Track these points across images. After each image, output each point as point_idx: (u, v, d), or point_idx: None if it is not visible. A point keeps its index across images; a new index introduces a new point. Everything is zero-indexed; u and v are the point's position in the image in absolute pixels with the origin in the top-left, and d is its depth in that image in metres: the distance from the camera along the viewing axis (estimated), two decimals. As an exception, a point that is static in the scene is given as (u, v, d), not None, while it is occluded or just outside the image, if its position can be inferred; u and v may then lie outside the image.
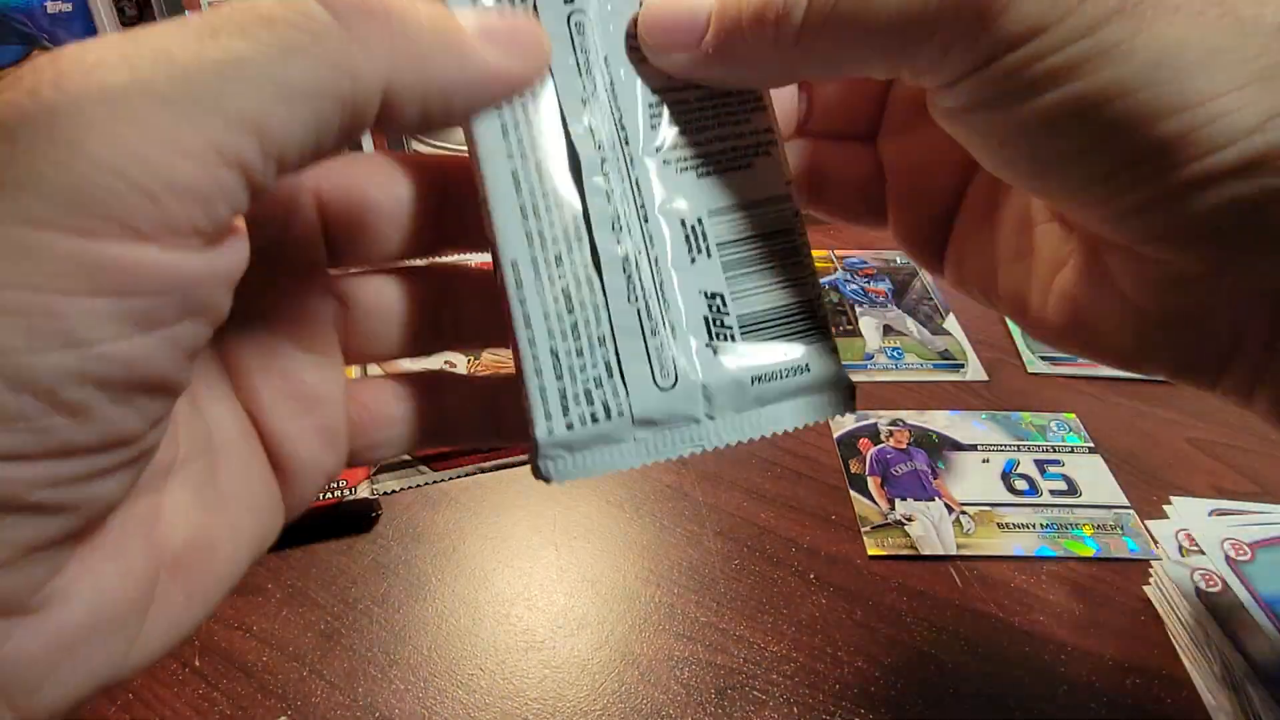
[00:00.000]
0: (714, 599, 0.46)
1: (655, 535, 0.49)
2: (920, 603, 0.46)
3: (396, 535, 0.49)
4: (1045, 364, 0.63)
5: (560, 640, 0.44)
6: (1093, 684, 0.43)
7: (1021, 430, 0.57)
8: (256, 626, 0.44)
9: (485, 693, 0.41)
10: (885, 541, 0.49)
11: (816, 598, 0.46)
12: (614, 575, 0.47)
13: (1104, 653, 0.44)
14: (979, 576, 0.48)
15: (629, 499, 0.51)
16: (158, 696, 0.41)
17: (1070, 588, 0.48)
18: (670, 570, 0.47)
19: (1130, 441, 0.57)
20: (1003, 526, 0.50)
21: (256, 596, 0.45)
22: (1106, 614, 0.46)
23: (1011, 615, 0.46)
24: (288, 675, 0.42)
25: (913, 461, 0.54)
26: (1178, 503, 0.52)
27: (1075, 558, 0.49)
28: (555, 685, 0.42)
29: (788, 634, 0.44)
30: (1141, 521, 0.51)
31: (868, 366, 0.62)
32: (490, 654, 0.43)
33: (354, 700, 0.41)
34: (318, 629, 0.44)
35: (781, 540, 0.49)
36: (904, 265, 0.73)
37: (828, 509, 0.51)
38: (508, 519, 0.50)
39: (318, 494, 0.23)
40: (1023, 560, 0.49)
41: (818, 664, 0.43)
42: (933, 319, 0.67)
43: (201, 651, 0.42)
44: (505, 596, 0.46)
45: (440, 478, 0.52)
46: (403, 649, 0.43)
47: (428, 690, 0.41)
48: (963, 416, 0.58)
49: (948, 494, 0.52)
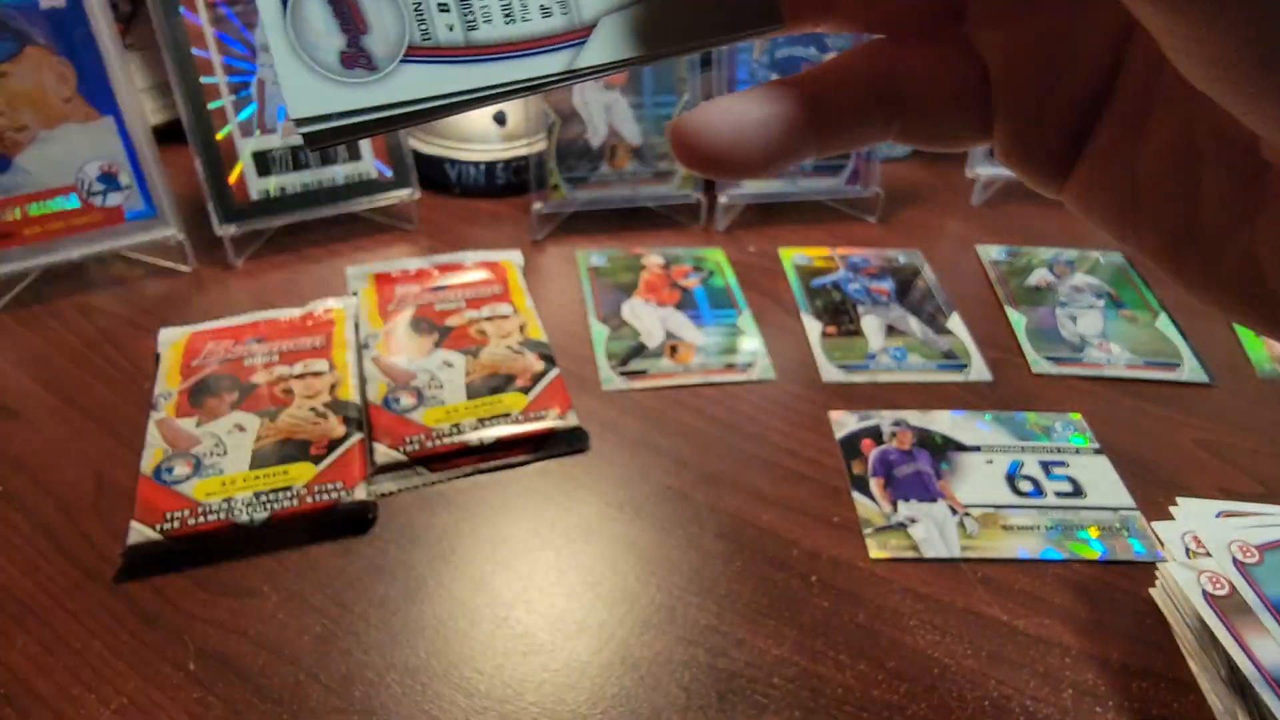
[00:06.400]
0: (715, 602, 0.46)
1: (655, 537, 0.49)
2: (924, 606, 0.46)
3: (394, 537, 0.48)
4: (1050, 364, 0.63)
5: (559, 643, 0.43)
6: (1098, 688, 0.42)
7: (1026, 431, 0.57)
8: (252, 630, 0.43)
9: (483, 696, 0.41)
10: (888, 544, 0.49)
11: (818, 600, 0.46)
12: (614, 578, 0.47)
13: (1110, 656, 0.44)
14: (983, 579, 0.47)
15: (629, 501, 0.51)
16: (153, 700, 0.40)
17: (1075, 590, 0.47)
18: (670, 573, 0.47)
19: (1136, 442, 0.56)
20: (1007, 528, 0.50)
21: (252, 599, 0.45)
22: (1112, 617, 0.46)
23: (1016, 618, 0.45)
24: (284, 679, 0.41)
25: (916, 463, 0.54)
26: (1184, 504, 0.51)
27: (1080, 560, 0.49)
28: (554, 689, 0.41)
29: (789, 637, 0.44)
30: (1147, 523, 0.51)
31: (870, 366, 0.62)
32: (488, 657, 0.43)
33: (350, 704, 0.40)
34: (314, 632, 0.43)
35: (783, 542, 0.49)
36: (907, 264, 0.73)
37: (830, 511, 0.51)
38: (506, 521, 0.50)
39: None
40: (1027, 563, 0.48)
41: (820, 667, 0.43)
42: (936, 319, 0.67)
43: (197, 655, 0.42)
44: (504, 599, 0.45)
45: (438, 479, 0.52)
46: (400, 652, 0.43)
47: (425, 694, 0.41)
48: (967, 417, 0.58)
49: (951, 495, 0.52)
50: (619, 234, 0.75)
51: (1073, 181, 0.21)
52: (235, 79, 0.66)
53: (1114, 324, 0.67)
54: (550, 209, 0.74)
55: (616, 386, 0.59)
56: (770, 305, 0.67)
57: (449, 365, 0.57)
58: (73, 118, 0.63)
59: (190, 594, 0.45)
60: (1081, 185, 0.21)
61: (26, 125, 0.61)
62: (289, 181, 0.69)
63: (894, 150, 0.89)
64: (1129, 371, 0.62)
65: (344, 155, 0.70)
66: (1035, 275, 0.72)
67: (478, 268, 0.67)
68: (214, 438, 0.51)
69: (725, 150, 0.20)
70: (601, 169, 0.73)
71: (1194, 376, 0.62)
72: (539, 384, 0.56)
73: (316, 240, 0.72)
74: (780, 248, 0.74)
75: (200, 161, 0.66)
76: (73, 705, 0.40)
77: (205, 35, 0.65)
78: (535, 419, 0.54)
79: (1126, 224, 0.20)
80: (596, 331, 0.63)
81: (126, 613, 0.44)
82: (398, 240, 0.73)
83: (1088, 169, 0.21)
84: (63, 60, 0.61)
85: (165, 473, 0.49)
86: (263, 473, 0.49)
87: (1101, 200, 0.21)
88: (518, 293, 0.64)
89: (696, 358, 0.61)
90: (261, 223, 0.69)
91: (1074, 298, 0.70)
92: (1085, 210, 0.21)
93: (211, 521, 0.46)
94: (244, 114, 0.67)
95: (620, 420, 0.56)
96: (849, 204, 0.80)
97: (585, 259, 0.71)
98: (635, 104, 0.72)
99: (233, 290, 0.67)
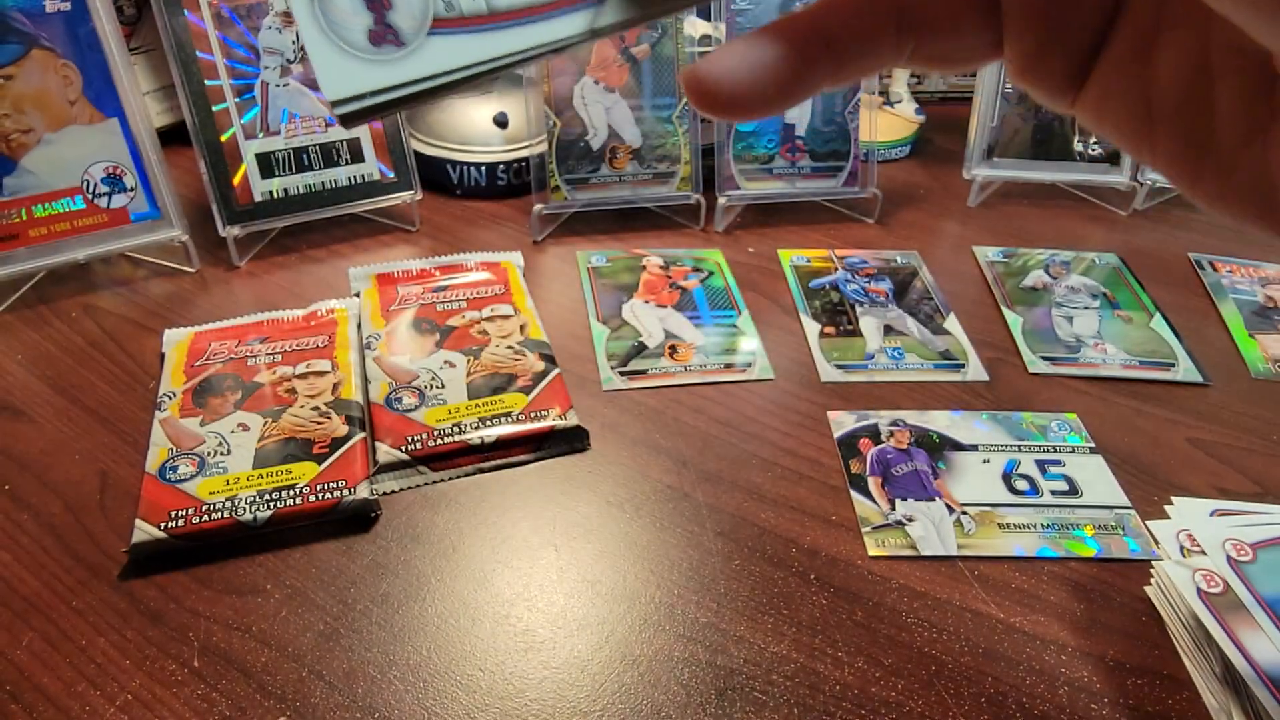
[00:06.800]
0: (714, 600, 0.46)
1: (655, 536, 0.49)
2: (921, 603, 0.46)
3: (396, 536, 0.49)
4: (1046, 364, 0.63)
5: (560, 641, 0.44)
6: (1094, 685, 0.43)
7: (1022, 430, 0.57)
8: (256, 627, 0.44)
9: (485, 693, 0.41)
10: (886, 542, 0.49)
11: (817, 598, 0.46)
12: (614, 576, 0.47)
13: (1105, 653, 0.44)
14: (980, 577, 0.48)
15: (629, 499, 0.51)
16: (156, 697, 0.41)
17: (1071, 588, 0.47)
18: (670, 571, 0.47)
19: (1131, 441, 0.57)
20: (1004, 527, 0.50)
21: (256, 597, 0.45)
22: (1108, 615, 0.46)
23: (1012, 616, 0.46)
24: (287, 676, 0.42)
25: (913, 462, 0.54)
26: (1179, 503, 0.52)
27: (1076, 558, 0.49)
28: (555, 686, 0.42)
29: (788, 635, 0.44)
30: (1143, 522, 0.51)
31: (868, 366, 0.62)
32: (490, 655, 0.43)
33: (353, 701, 0.41)
34: (317, 629, 0.44)
35: (782, 540, 0.49)
36: (904, 265, 0.73)
37: (828, 509, 0.51)
38: (507, 520, 0.50)
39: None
40: (1024, 561, 0.49)
41: (818, 665, 0.43)
42: (933, 319, 0.67)
43: (200, 652, 0.42)
44: (505, 597, 0.46)
45: (440, 478, 0.52)
46: (402, 650, 0.43)
47: (427, 691, 0.41)
48: (964, 417, 0.58)
49: (949, 494, 0.52)
50: (619, 235, 0.75)
51: (1085, 96, 0.21)
52: (239, 81, 0.67)
53: (1109, 324, 0.67)
54: (551, 210, 0.74)
55: (616, 386, 0.59)
56: (769, 306, 0.68)
57: (450, 365, 0.58)
58: (78, 120, 0.63)
59: (194, 592, 0.45)
60: (1094, 100, 0.21)
61: (32, 127, 0.62)
62: (292, 183, 0.69)
63: (892, 152, 0.90)
64: (1124, 371, 0.63)
65: (346, 157, 0.71)
66: (1031, 276, 0.73)
67: (479, 268, 0.67)
68: (218, 437, 0.52)
69: (743, 90, 0.20)
70: (602, 170, 0.74)
71: (1189, 376, 0.63)
72: (540, 384, 0.57)
73: (319, 241, 0.73)
74: (779, 249, 0.74)
75: (204, 163, 0.66)
76: (78, 702, 0.40)
77: (209, 38, 0.65)
78: (536, 418, 0.54)
79: (1141, 137, 0.20)
80: (597, 332, 0.64)
81: (131, 610, 0.44)
82: (400, 241, 0.74)
83: (1100, 84, 0.21)
84: (68, 63, 0.62)
85: (169, 471, 0.49)
86: (266, 471, 0.50)
87: (1114, 115, 0.21)
88: (519, 293, 0.65)
89: (696, 358, 0.62)
90: (265, 224, 0.69)
91: (1070, 298, 0.70)
92: (1098, 124, 0.21)
93: (215, 520, 0.47)
94: (247, 116, 0.67)
95: (620, 420, 0.57)
96: (847, 205, 0.80)
97: (585, 260, 0.72)
98: (635, 106, 0.73)
99: (236, 291, 0.67)
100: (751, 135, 0.75)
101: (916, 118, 0.90)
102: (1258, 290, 0.73)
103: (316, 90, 0.69)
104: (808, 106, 0.76)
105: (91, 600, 0.45)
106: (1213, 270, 0.75)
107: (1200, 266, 0.75)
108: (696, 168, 0.75)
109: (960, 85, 1.01)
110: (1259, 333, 0.68)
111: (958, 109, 0.93)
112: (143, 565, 0.46)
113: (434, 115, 0.79)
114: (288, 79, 0.68)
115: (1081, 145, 0.80)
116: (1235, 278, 0.74)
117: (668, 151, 0.74)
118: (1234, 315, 0.70)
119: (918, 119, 0.90)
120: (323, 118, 0.70)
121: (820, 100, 0.76)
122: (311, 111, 0.69)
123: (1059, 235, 0.79)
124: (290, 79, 0.68)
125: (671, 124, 0.74)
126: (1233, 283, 0.73)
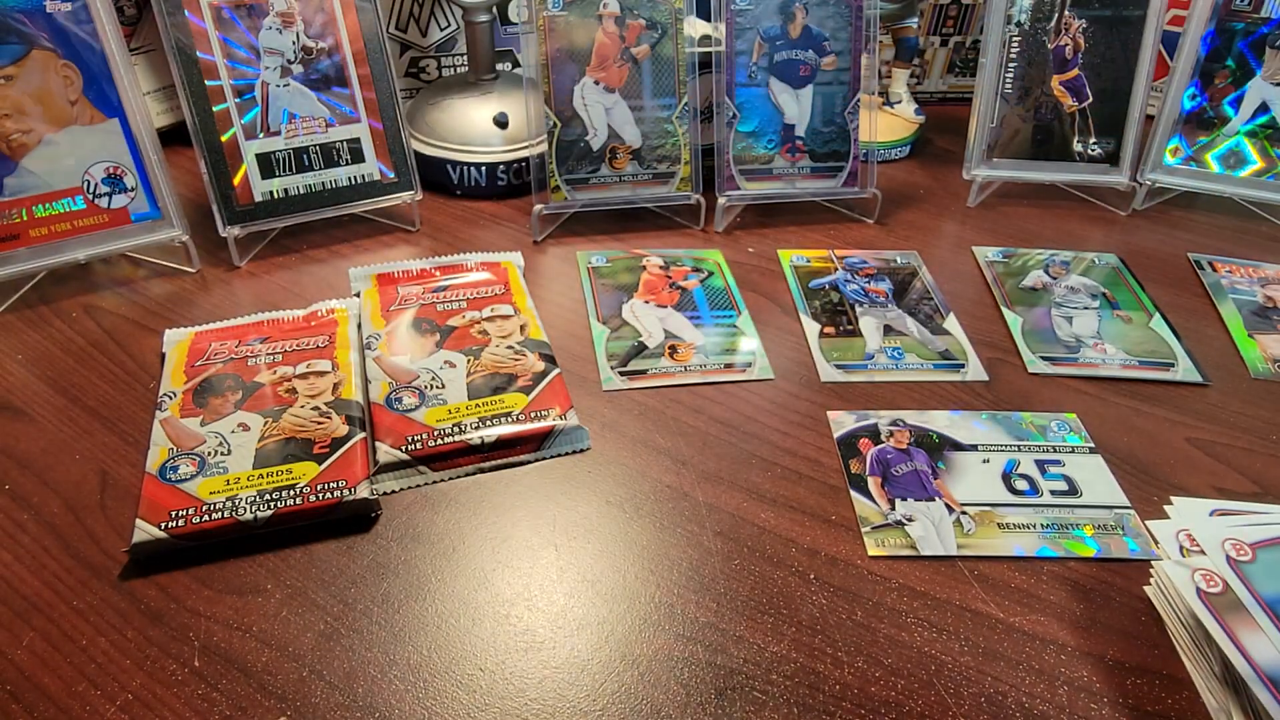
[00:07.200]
0: (714, 599, 0.46)
1: (655, 536, 0.49)
2: (921, 603, 0.46)
3: (396, 536, 0.49)
4: (1045, 364, 0.63)
5: (560, 640, 0.44)
6: (1093, 684, 0.43)
7: (1022, 430, 0.57)
8: (256, 627, 0.44)
9: (485, 693, 0.41)
10: (885, 541, 0.49)
11: (816, 598, 0.46)
12: (614, 576, 0.47)
13: (1105, 653, 0.44)
14: (980, 577, 0.48)
15: (629, 499, 0.51)
16: (157, 697, 0.41)
17: (1071, 588, 0.47)
18: (670, 571, 0.47)
19: (1131, 441, 0.57)
20: (1003, 526, 0.50)
21: (256, 597, 0.45)
22: (1107, 614, 0.46)
23: (1012, 615, 0.46)
24: (287, 675, 0.42)
25: (913, 461, 0.54)
26: (1178, 503, 0.52)
27: (1076, 558, 0.49)
28: (555, 685, 0.42)
29: (787, 634, 0.44)
30: (1142, 522, 0.51)
31: (868, 366, 0.62)
32: (490, 654, 0.43)
33: (353, 700, 0.41)
34: (317, 629, 0.44)
35: (781, 540, 0.49)
36: (904, 265, 0.73)
37: (828, 509, 0.51)
38: (507, 519, 0.50)
39: None
40: (1023, 560, 0.49)
41: (818, 664, 0.43)
42: (933, 319, 0.67)
43: (201, 652, 0.42)
44: (505, 597, 0.46)
45: (440, 478, 0.52)
46: (402, 649, 0.43)
47: (428, 690, 0.41)
48: (963, 416, 0.58)
49: (948, 494, 0.52)
50: (619, 235, 0.75)
51: None
52: (239, 82, 0.67)
53: (1109, 324, 0.67)
54: (551, 210, 0.74)
55: (616, 386, 0.60)
56: (769, 306, 0.68)
57: (450, 365, 0.58)
58: (79, 120, 0.63)
59: (195, 591, 0.45)
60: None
61: (33, 128, 0.62)
62: (292, 183, 0.69)
63: (892, 152, 0.90)
64: (1124, 371, 0.63)
65: (347, 157, 0.71)
66: (1031, 276, 0.73)
67: (479, 269, 0.67)
68: (218, 437, 0.52)
69: None
70: (602, 171, 0.74)
71: (1188, 376, 0.63)
72: (540, 384, 0.57)
73: (319, 241, 0.73)
74: (779, 249, 0.75)
75: (204, 163, 0.66)
76: (78, 701, 0.40)
77: (210, 39, 0.65)
78: (536, 418, 0.54)
79: None
80: (597, 332, 0.64)
81: (131, 610, 0.44)
82: (400, 241, 0.74)
83: None
84: (68, 63, 0.62)
85: (170, 471, 0.49)
86: (266, 471, 0.50)
87: None
88: (519, 293, 0.65)
89: (696, 358, 0.62)
90: (265, 224, 0.69)
91: (1069, 298, 0.70)
92: None
93: (216, 520, 0.47)
94: (248, 117, 0.67)
95: (620, 420, 0.57)
96: (847, 205, 0.80)
97: (585, 260, 0.72)
98: (635, 106, 0.73)
99: (237, 291, 0.67)
100: (751, 136, 0.76)
101: (916, 118, 0.90)
102: (1257, 290, 0.73)
103: (316, 90, 0.69)
104: (808, 107, 0.76)
105: (92, 600, 0.45)
106: (1212, 270, 0.75)
107: (1200, 267, 0.75)
108: (696, 168, 0.75)
109: (960, 85, 1.01)
110: (1258, 333, 0.68)
111: (958, 109, 0.93)
112: (143, 565, 0.46)
113: (434, 115, 0.79)
114: (288, 79, 0.68)
115: (1081, 145, 0.80)
116: (1234, 278, 0.74)
117: (668, 152, 0.74)
118: (1233, 315, 0.70)
119: (917, 119, 0.90)
120: (323, 118, 0.70)
121: (820, 100, 0.76)
122: (311, 112, 0.69)
123: (1058, 235, 0.79)
124: (290, 79, 0.68)
125: (671, 124, 0.74)
126: (1232, 283, 0.74)
